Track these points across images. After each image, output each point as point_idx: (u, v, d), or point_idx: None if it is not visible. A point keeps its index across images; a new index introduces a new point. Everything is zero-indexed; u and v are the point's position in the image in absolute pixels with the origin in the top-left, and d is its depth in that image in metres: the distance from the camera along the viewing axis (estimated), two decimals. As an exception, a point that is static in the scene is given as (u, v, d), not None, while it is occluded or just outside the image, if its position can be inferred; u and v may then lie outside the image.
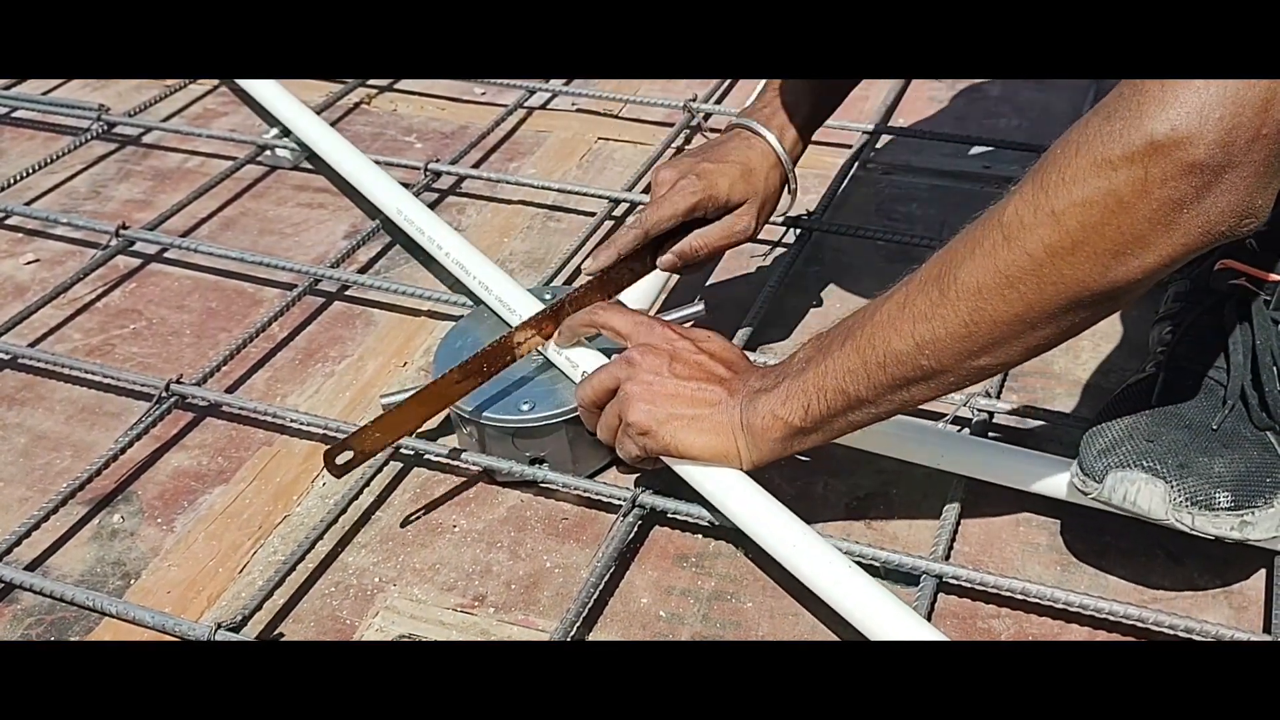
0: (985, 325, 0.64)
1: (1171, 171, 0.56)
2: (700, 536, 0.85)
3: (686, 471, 0.79)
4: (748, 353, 0.89)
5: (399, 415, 0.85)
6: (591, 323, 0.85)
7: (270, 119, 1.36)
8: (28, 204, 1.28)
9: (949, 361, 0.66)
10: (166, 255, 1.20)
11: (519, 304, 0.95)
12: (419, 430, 0.88)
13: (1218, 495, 0.70)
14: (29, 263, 1.21)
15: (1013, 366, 0.68)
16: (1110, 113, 0.58)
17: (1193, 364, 0.77)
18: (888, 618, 0.70)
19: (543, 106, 1.43)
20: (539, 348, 0.90)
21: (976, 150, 1.27)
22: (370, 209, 1.18)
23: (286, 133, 1.32)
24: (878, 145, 1.28)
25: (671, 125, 1.33)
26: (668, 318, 0.94)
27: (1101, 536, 0.81)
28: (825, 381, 0.71)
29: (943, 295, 0.65)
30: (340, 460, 0.82)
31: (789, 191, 0.96)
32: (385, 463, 0.90)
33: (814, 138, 0.98)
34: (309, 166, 1.32)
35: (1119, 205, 0.58)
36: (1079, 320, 0.63)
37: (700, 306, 0.95)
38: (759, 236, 0.99)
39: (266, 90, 1.35)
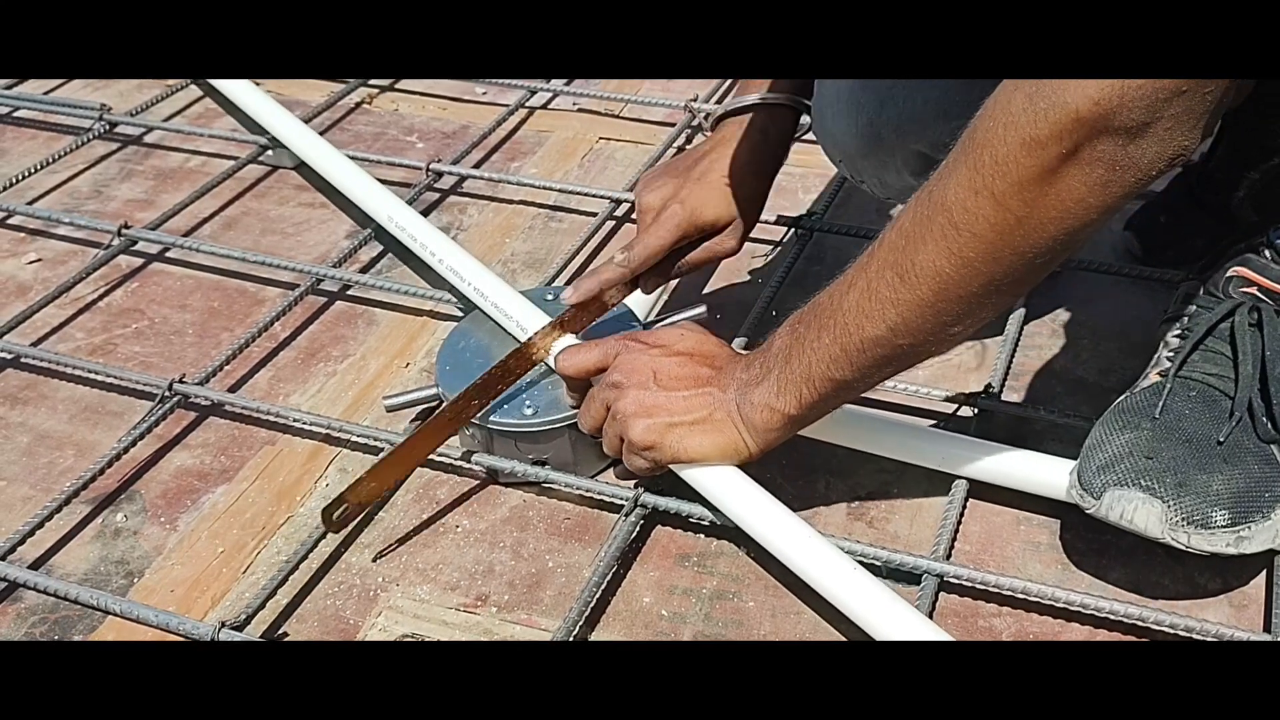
0: (951, 302, 0.66)
1: (1100, 139, 0.58)
2: (702, 536, 0.85)
3: (691, 476, 0.80)
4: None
5: (392, 463, 0.84)
6: (562, 374, 0.84)
7: (257, 128, 1.34)
8: (30, 204, 1.28)
9: (925, 336, 0.68)
10: (168, 255, 1.20)
11: (515, 309, 0.94)
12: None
13: (1214, 514, 0.70)
14: (31, 262, 1.21)
15: (991, 320, 0.70)
16: (1033, 91, 0.59)
17: (1199, 374, 0.77)
18: (894, 619, 0.70)
19: (544, 106, 1.43)
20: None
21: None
22: (364, 216, 1.18)
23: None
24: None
25: (673, 125, 1.34)
26: (670, 320, 0.94)
27: (1102, 536, 0.82)
28: (812, 371, 0.72)
29: (903, 281, 0.66)
30: (337, 516, 0.82)
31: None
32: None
33: (813, 140, 0.98)
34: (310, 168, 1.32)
35: (1054, 178, 0.60)
36: (1046, 269, 0.66)
37: (702, 309, 0.95)
38: (760, 237, 0.99)
39: (253, 100, 1.34)
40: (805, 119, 0.95)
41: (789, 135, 0.93)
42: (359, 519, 0.86)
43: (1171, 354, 0.79)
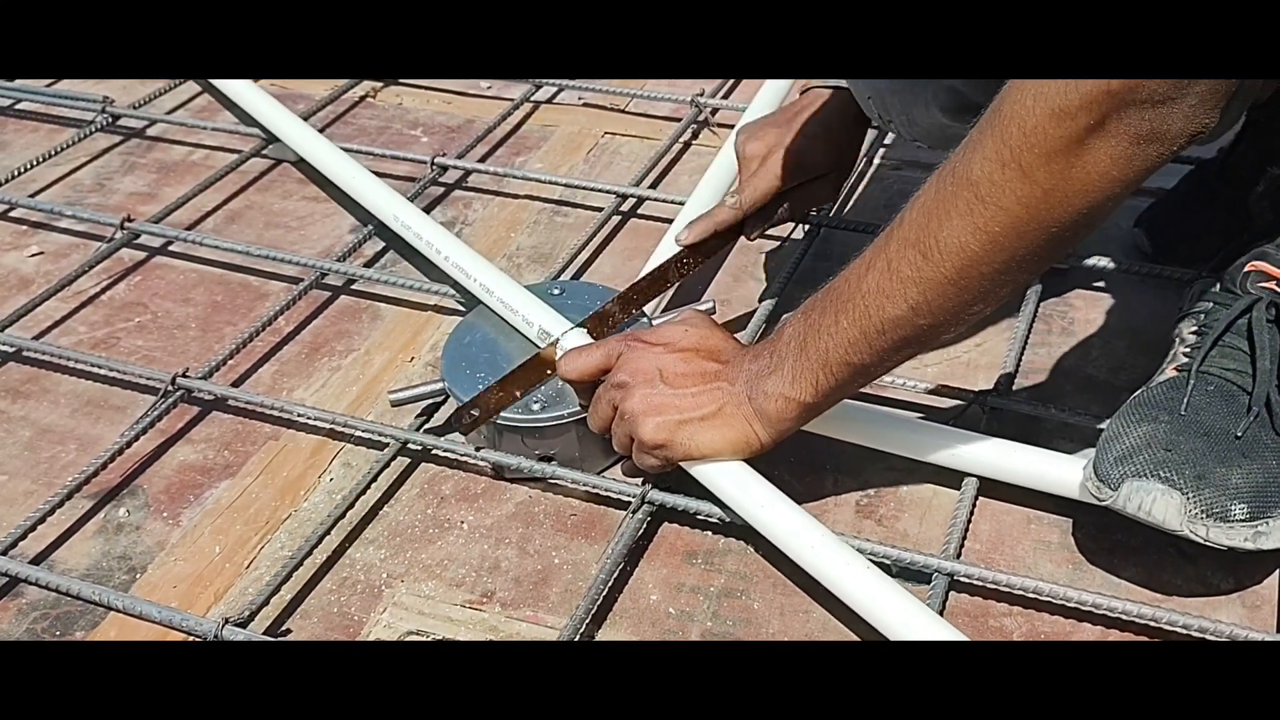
0: (974, 279, 0.66)
1: (1127, 111, 0.59)
2: (709, 533, 0.84)
3: (701, 473, 0.79)
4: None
5: (513, 379, 0.87)
6: (564, 378, 0.84)
7: (254, 122, 1.33)
8: (32, 196, 1.27)
9: (946, 317, 0.68)
10: (171, 248, 1.19)
11: (522, 306, 0.94)
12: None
13: (1233, 507, 0.70)
14: (33, 255, 1.20)
15: (1009, 299, 0.71)
16: None
17: (1217, 369, 0.76)
18: (907, 618, 0.70)
19: (549, 101, 1.42)
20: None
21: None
22: (365, 213, 1.17)
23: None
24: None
25: (679, 120, 1.33)
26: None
27: (1113, 535, 0.81)
28: (829, 356, 0.72)
29: (926, 258, 0.66)
30: (468, 419, 0.85)
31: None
32: (392, 458, 0.89)
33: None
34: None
35: (1082, 150, 0.60)
36: (1067, 247, 0.66)
37: (710, 304, 0.95)
38: (769, 232, 0.99)
39: (253, 98, 1.33)
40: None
41: None
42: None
43: (1188, 350, 0.79)
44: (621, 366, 0.79)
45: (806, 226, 1.11)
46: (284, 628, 0.79)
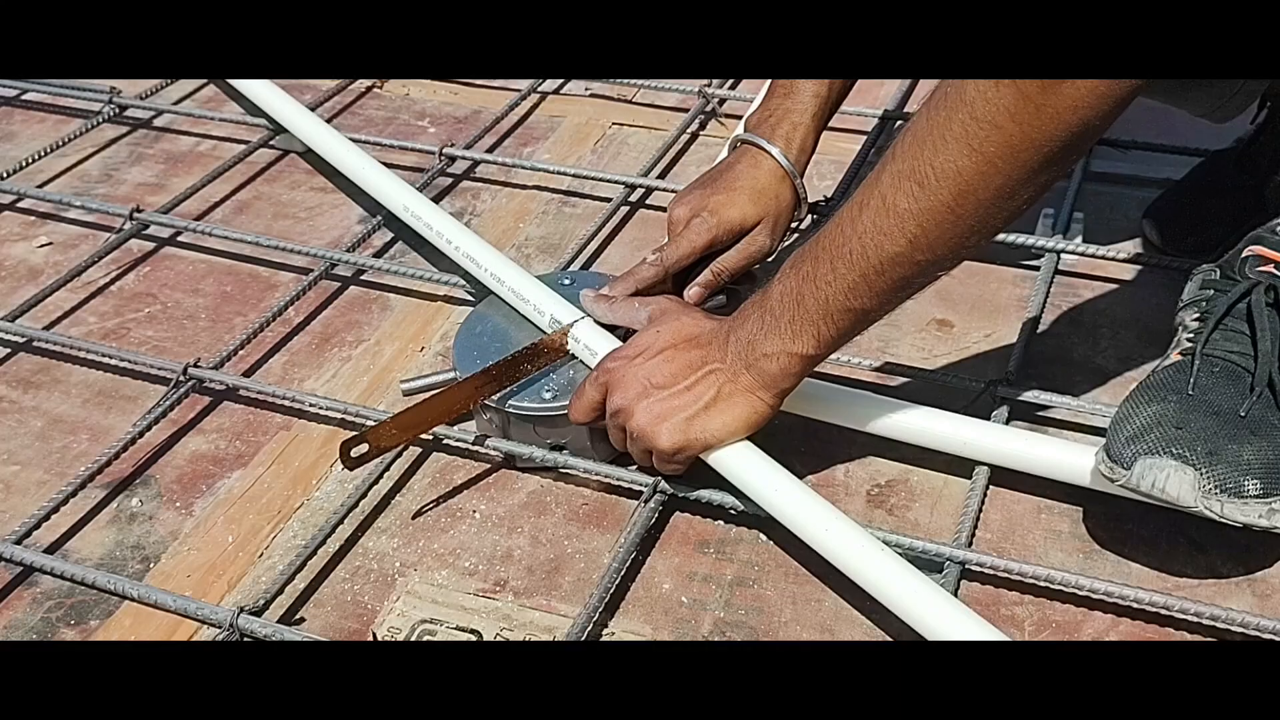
0: (971, 206, 0.66)
1: None
2: (721, 523, 0.84)
3: (716, 459, 0.79)
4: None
5: (416, 414, 0.85)
6: (576, 423, 0.84)
7: (261, 113, 1.33)
8: (40, 187, 1.27)
9: (945, 249, 0.69)
10: (180, 239, 1.19)
11: (534, 295, 0.94)
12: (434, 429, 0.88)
13: (1246, 483, 0.70)
14: (42, 246, 1.20)
15: (1002, 230, 0.71)
16: None
17: (1221, 351, 0.77)
18: (922, 600, 0.70)
19: (556, 91, 1.42)
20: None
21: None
22: (374, 203, 1.17)
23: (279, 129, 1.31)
24: (893, 131, 1.27)
25: (686, 110, 1.33)
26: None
27: (1124, 524, 0.81)
28: (830, 305, 0.72)
29: (922, 188, 0.66)
30: (355, 453, 0.82)
31: (800, 200, 0.96)
32: (405, 447, 0.90)
33: (829, 124, 0.98)
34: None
35: None
36: (1059, 171, 0.66)
37: (721, 297, 0.95)
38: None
39: (261, 90, 1.32)
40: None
41: (814, 137, 0.95)
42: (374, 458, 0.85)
43: (1191, 335, 0.79)
44: (612, 393, 0.80)
45: (814, 217, 1.11)
46: (298, 616, 0.80)
